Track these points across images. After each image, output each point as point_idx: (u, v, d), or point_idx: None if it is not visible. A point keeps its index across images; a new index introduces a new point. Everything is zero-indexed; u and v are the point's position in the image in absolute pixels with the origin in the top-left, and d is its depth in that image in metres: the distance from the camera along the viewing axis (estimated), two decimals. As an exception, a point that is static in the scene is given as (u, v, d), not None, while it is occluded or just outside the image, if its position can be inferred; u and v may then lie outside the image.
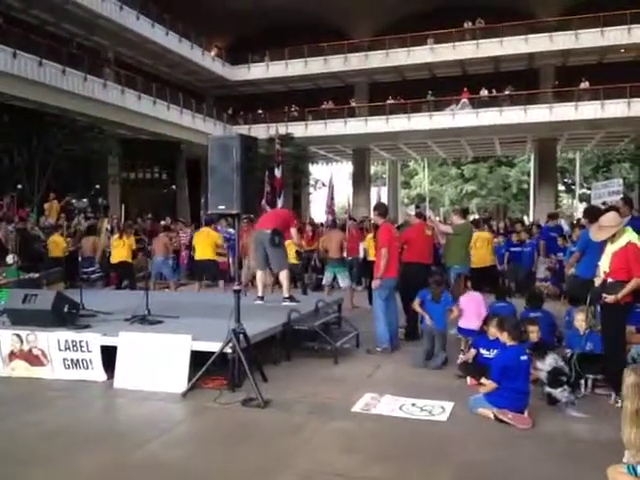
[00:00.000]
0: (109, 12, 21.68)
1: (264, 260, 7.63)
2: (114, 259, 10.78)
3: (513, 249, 11.78)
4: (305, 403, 4.90)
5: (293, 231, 8.00)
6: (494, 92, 28.53)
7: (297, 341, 6.52)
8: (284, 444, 4.06)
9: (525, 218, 32.84)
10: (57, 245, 11.55)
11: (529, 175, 38.45)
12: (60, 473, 3.52)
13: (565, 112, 26.33)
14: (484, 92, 28.60)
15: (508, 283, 11.49)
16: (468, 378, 5.51)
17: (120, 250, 10.57)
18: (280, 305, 7.27)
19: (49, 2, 19.87)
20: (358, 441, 4.15)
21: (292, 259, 10.42)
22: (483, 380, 4.72)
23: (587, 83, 26.89)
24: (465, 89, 28.44)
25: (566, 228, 12.60)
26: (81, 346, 5.56)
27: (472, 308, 6.28)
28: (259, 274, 7.91)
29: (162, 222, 15.06)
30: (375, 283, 6.89)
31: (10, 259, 9.64)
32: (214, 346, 5.22)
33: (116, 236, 11.00)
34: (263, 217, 8.16)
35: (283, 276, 7.63)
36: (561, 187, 43.46)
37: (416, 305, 6.55)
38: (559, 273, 10.74)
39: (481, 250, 9.72)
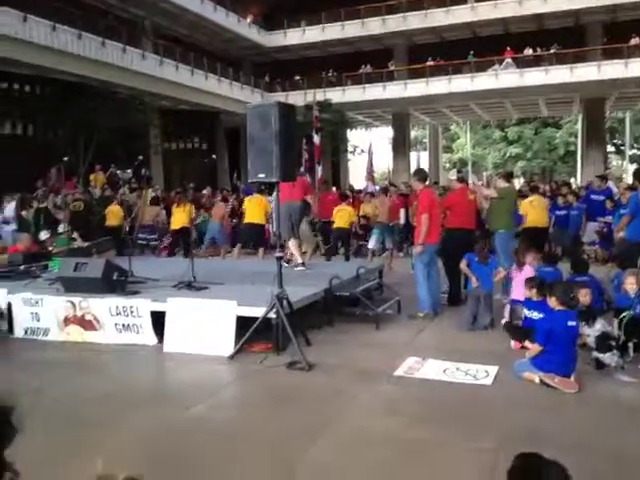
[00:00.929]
0: (145, -18, 21.71)
1: (292, 229, 7.99)
2: (175, 225, 11.27)
3: (559, 212, 11.47)
4: (348, 367, 4.97)
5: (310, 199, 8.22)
6: (539, 51, 27.44)
7: (339, 307, 6.57)
8: (328, 406, 4.13)
9: (572, 181, 31.85)
10: (115, 214, 12.06)
11: (576, 136, 37.10)
12: (113, 434, 3.67)
13: (614, 70, 25.16)
14: (528, 51, 27.54)
15: (554, 247, 11.24)
16: (512, 342, 5.48)
17: (181, 216, 11.01)
18: (319, 272, 7.33)
19: (86, -26, 20.02)
20: (401, 404, 4.18)
21: (344, 224, 10.58)
22: (527, 344, 4.68)
23: (637, 39, 25.56)
24: (508, 48, 27.45)
25: (615, 190, 12.19)
26: (131, 311, 5.76)
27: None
28: (293, 243, 8.13)
29: (204, 191, 15.31)
30: (416, 249, 6.86)
31: (60, 228, 9.98)
32: (258, 311, 5.32)
33: (174, 205, 11.67)
34: (287, 188, 8.08)
35: (295, 244, 8.04)
36: (610, 148, 41.80)
37: (463, 266, 6.53)
38: (608, 236, 10.45)
39: (538, 209, 9.57)
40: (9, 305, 6.20)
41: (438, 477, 3.08)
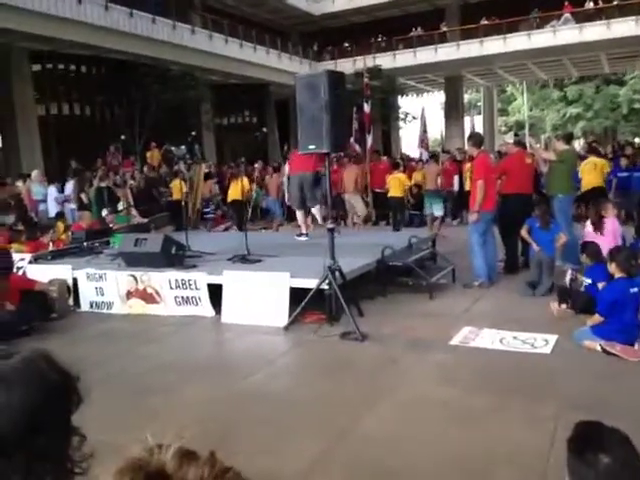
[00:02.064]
0: (192, -45, 21.68)
1: (302, 200, 8.27)
2: (230, 197, 11.65)
3: (620, 174, 10.94)
4: (402, 337, 4.97)
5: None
6: (600, 4, 25.87)
7: (392, 277, 6.55)
8: (383, 375, 4.16)
9: (637, 141, 30.24)
10: (178, 189, 12.37)
11: (642, 93, 35.09)
12: (175, 401, 3.83)
13: (684, 19, 23.50)
14: (589, 4, 26.01)
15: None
16: (551, 304, 5.37)
17: (235, 190, 11.28)
18: (372, 242, 7.30)
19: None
20: (457, 373, 4.16)
21: (399, 192, 10.56)
22: (589, 321, 4.54)
23: None
24: (566, 3, 26.01)
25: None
26: (190, 284, 5.93)
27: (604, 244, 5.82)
28: (300, 213, 8.47)
29: (255, 165, 15.46)
30: (472, 217, 6.71)
31: (120, 206, 10.32)
32: (311, 283, 5.37)
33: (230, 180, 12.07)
34: (299, 159, 8.27)
35: (316, 211, 8.38)
36: (679, 104, 39.35)
37: (524, 232, 6.40)
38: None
39: (590, 174, 9.29)
40: (75, 280, 6.50)
41: (497, 444, 3.06)
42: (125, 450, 0.74)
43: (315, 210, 8.48)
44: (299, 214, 8.55)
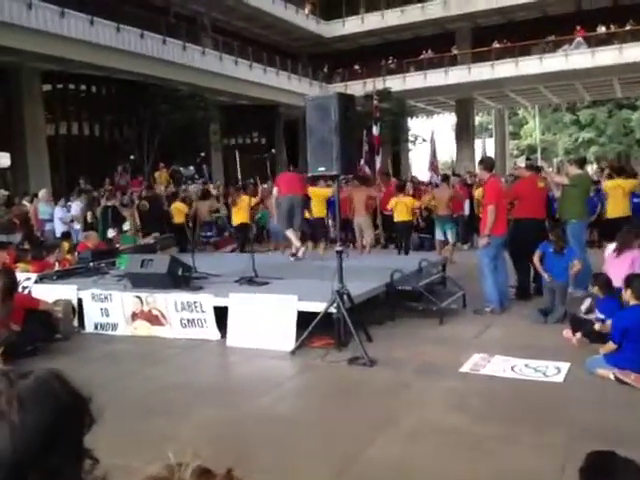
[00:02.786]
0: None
1: (290, 222, 8.36)
2: (235, 222, 11.33)
3: (636, 200, 10.79)
4: (411, 362, 4.88)
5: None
6: (612, 28, 25.97)
7: (401, 302, 6.45)
8: (392, 401, 4.08)
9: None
10: (179, 211, 12.30)
11: (654, 118, 35.02)
12: (183, 423, 3.77)
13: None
14: (601, 29, 26.12)
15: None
16: (564, 331, 5.29)
17: (239, 213, 11.03)
18: (381, 266, 7.22)
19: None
20: (467, 400, 4.08)
21: (405, 216, 10.37)
22: (602, 349, 4.42)
23: None
24: (579, 27, 26.13)
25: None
26: (195, 306, 5.86)
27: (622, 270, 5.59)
28: (290, 233, 8.48)
29: (264, 185, 15.41)
30: (482, 241, 6.63)
31: (126, 226, 10.33)
32: (319, 306, 5.29)
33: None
34: (287, 181, 8.58)
35: (294, 235, 8.42)
36: (692, 129, 39.23)
37: (536, 259, 6.30)
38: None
39: (617, 198, 8.81)
40: (79, 301, 6.45)
41: (506, 473, 2.99)
42: (137, 472, 0.76)
43: (293, 234, 8.53)
44: (288, 234, 8.60)
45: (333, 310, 5.19)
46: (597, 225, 10.43)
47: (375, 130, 11.52)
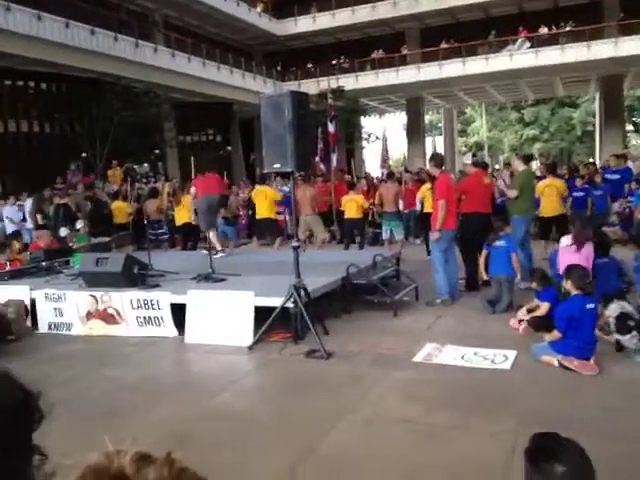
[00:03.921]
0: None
1: (210, 221, 8.77)
2: (178, 222, 11.17)
3: (576, 194, 11.31)
4: (367, 354, 5.00)
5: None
6: (554, 29, 26.95)
7: (356, 295, 6.61)
8: (348, 393, 4.18)
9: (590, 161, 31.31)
10: (120, 211, 12.05)
11: (594, 116, 36.49)
12: (139, 422, 3.77)
13: (632, 46, 24.59)
14: (543, 30, 27.06)
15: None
16: (512, 320, 5.56)
17: (182, 212, 10.90)
18: (337, 261, 7.36)
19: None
20: (420, 390, 4.21)
21: (354, 214, 10.44)
22: (547, 336, 4.67)
23: (657, 13, 24.94)
24: (521, 28, 26.99)
25: (635, 171, 12.00)
26: (152, 304, 5.86)
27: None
28: (211, 232, 8.70)
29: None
30: (433, 235, 6.84)
31: (79, 225, 10.12)
32: (276, 301, 5.37)
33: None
34: (204, 182, 8.91)
35: (214, 234, 8.76)
36: (629, 127, 41.06)
37: (482, 260, 6.58)
38: (628, 217, 10.31)
39: (549, 198, 8.93)
40: (32, 301, 6.34)
41: (458, 459, 3.11)
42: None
43: (212, 234, 8.74)
44: (210, 234, 8.74)
45: (290, 305, 5.29)
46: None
47: (330, 128, 11.65)
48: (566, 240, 6.16)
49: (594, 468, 1.47)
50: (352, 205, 10.46)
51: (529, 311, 5.52)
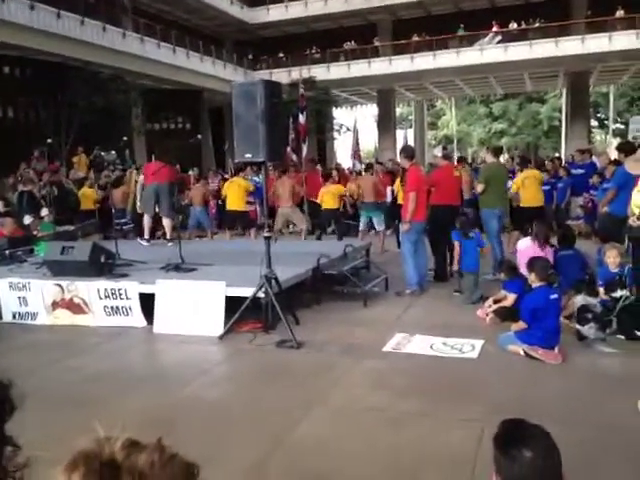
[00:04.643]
0: (124, -43, 21.21)
1: (153, 207, 8.97)
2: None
3: (544, 187, 11.50)
4: (337, 344, 5.04)
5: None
6: (523, 25, 27.36)
7: (327, 285, 6.63)
8: (318, 382, 4.21)
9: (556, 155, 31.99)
10: (87, 197, 11.82)
11: (561, 111, 37.24)
12: (108, 413, 3.70)
13: (598, 43, 25.18)
14: (513, 25, 27.43)
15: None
16: (479, 310, 5.69)
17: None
18: (308, 251, 7.37)
19: (64, -50, 19.48)
20: (389, 379, 4.26)
21: (331, 205, 10.45)
22: (513, 326, 4.77)
23: (622, 12, 25.55)
24: (493, 23, 27.33)
25: (599, 165, 12.29)
26: (120, 294, 5.77)
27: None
28: (148, 218, 9.12)
29: (190, 172, 15.12)
30: (404, 227, 6.90)
31: (44, 212, 9.88)
32: (247, 291, 5.36)
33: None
34: (153, 170, 9.11)
35: (168, 222, 9.03)
36: (594, 123, 42.04)
37: (456, 250, 6.62)
38: (592, 211, 10.57)
39: (530, 189, 8.82)
40: (-4, 290, 6.18)
41: (426, 446, 3.17)
42: (58, 463, 0.74)
43: (166, 221, 9.04)
44: (146, 219, 9.16)
45: (261, 295, 5.28)
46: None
47: (301, 118, 11.61)
48: (524, 242, 6.25)
49: (560, 452, 1.52)
50: (329, 196, 10.50)
51: (496, 302, 5.63)
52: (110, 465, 0.71)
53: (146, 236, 9.15)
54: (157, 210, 9.09)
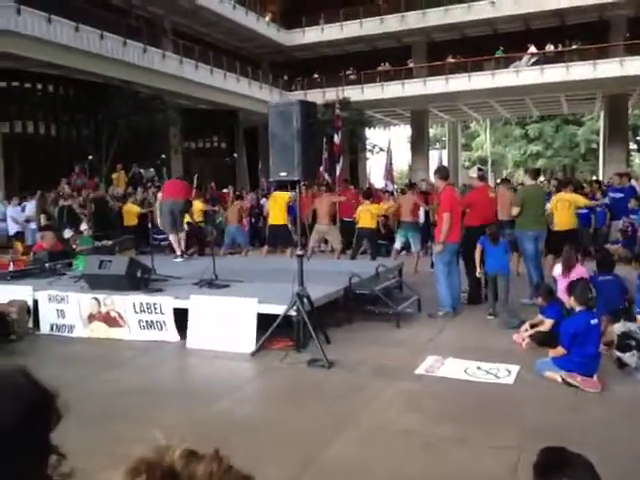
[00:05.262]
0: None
1: (173, 225, 9.13)
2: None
3: (581, 211, 11.30)
4: (368, 365, 5.00)
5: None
6: (560, 47, 27.12)
7: (359, 305, 6.60)
8: (349, 403, 4.17)
9: (594, 178, 31.40)
10: (131, 213, 12.09)
11: (598, 134, 36.60)
12: (141, 427, 3.73)
13: (638, 66, 24.73)
14: (550, 47, 27.22)
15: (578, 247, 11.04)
16: (515, 334, 5.59)
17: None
18: (340, 270, 7.36)
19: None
20: (422, 402, 4.20)
21: (367, 223, 10.39)
22: (551, 352, 4.66)
23: (662, 34, 25.09)
24: (529, 45, 27.16)
25: (638, 189, 12.02)
26: (155, 308, 5.85)
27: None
28: (172, 236, 9.28)
29: (224, 190, 15.33)
30: (437, 248, 6.85)
31: (83, 227, 10.14)
32: (279, 309, 5.37)
33: None
34: (170, 187, 9.37)
35: (175, 238, 9.20)
36: (633, 146, 41.15)
37: (477, 253, 6.69)
38: (631, 236, 10.31)
39: (562, 212, 8.60)
40: (35, 302, 6.34)
41: (460, 472, 3.10)
42: (93, 476, 0.75)
43: (172, 237, 9.27)
44: (172, 237, 9.31)
45: (293, 313, 5.29)
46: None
47: (337, 138, 11.69)
48: (558, 269, 6.16)
49: (603, 483, 1.47)
50: (366, 215, 10.43)
51: (533, 326, 5.52)
52: (170, 474, 0.72)
53: (178, 252, 9.24)
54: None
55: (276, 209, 10.43)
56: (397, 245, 10.31)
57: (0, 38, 15.08)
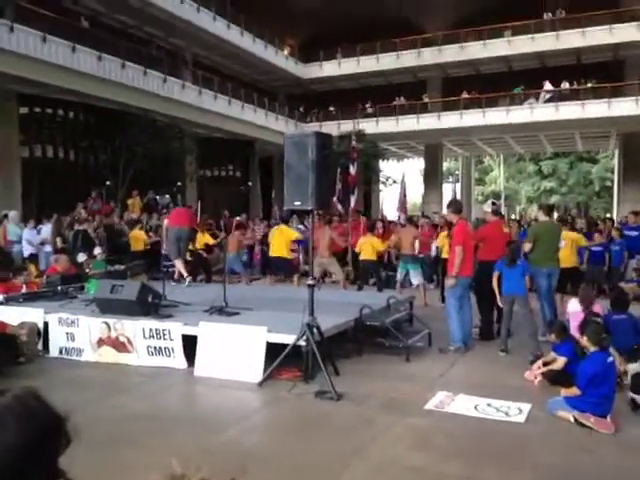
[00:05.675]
0: (187, 14, 22.36)
1: (178, 251, 9.42)
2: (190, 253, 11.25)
3: (594, 249, 11.23)
4: (377, 398, 4.93)
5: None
6: (575, 85, 27.30)
7: (369, 337, 6.54)
8: (357, 436, 4.11)
9: (608, 215, 31.22)
10: (137, 239, 12.20)
11: (613, 172, 36.53)
12: (145, 454, 3.71)
13: (653, 105, 24.81)
14: (565, 85, 27.40)
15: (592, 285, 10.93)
16: (526, 372, 5.50)
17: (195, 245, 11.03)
18: (350, 301, 7.32)
19: (130, 6, 20.77)
20: (432, 438, 4.12)
21: (368, 255, 10.39)
22: (563, 391, 4.57)
23: (679, 73, 25.23)
24: (544, 82, 27.38)
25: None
26: (164, 334, 5.84)
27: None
28: (178, 262, 9.58)
29: (237, 218, 15.40)
30: (449, 282, 6.81)
31: (97, 251, 10.22)
32: (288, 338, 5.34)
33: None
34: (176, 215, 9.61)
35: (181, 263, 9.55)
36: (648, 184, 40.94)
37: (494, 279, 6.65)
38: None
39: (565, 250, 8.66)
40: (45, 324, 6.36)
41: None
42: None
43: (178, 262, 9.51)
44: (178, 263, 9.59)
45: (302, 343, 5.25)
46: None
47: (352, 169, 11.78)
48: (574, 305, 6.10)
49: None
50: (367, 247, 10.47)
51: (545, 364, 5.42)
52: None
53: (185, 273, 9.45)
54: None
55: (281, 242, 10.48)
56: (398, 277, 10.31)
57: (24, 64, 15.51)
